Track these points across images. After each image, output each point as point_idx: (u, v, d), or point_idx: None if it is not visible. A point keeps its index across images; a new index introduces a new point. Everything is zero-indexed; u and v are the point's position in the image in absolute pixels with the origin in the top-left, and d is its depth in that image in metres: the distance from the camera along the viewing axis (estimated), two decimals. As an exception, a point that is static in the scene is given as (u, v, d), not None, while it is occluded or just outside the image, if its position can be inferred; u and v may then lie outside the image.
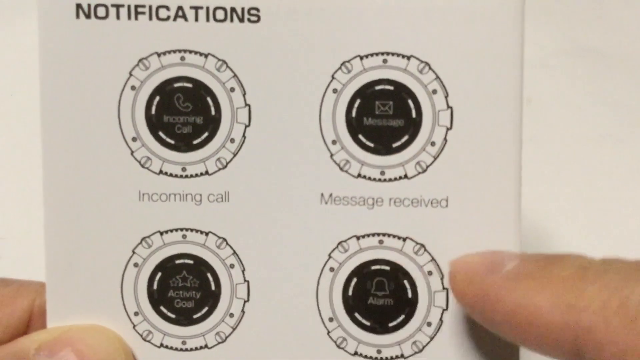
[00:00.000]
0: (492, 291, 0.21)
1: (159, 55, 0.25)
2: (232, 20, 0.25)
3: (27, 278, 0.30)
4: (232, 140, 0.25)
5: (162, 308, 0.26)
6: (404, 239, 0.25)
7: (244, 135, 0.25)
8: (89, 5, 0.25)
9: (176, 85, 0.25)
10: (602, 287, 0.19)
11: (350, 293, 0.26)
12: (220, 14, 0.25)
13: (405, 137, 0.25)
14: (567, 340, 0.20)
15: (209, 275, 0.26)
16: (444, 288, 0.26)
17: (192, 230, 0.26)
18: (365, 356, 0.26)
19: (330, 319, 0.26)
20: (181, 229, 0.26)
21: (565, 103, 0.59)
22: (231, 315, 0.26)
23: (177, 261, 0.26)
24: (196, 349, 0.26)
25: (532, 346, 0.21)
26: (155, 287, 0.26)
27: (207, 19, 0.25)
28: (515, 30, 0.25)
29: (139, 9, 0.25)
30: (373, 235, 0.26)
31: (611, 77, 0.60)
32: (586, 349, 0.19)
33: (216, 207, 0.26)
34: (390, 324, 0.26)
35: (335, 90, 0.25)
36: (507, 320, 0.21)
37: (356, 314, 0.26)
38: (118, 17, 0.25)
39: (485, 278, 0.22)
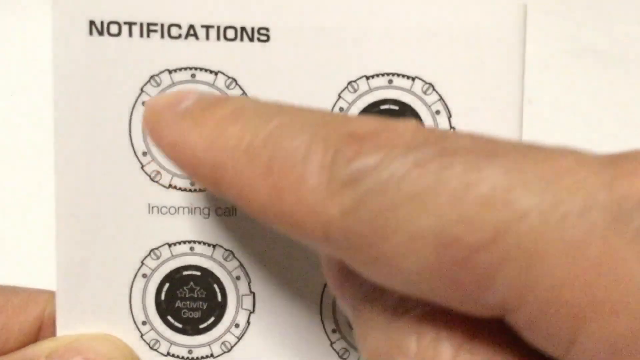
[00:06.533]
0: (162, 128, 0.21)
1: (170, 72, 0.26)
2: (242, 39, 0.25)
3: (25, 279, 0.30)
4: (240, 156, 0.26)
5: (169, 318, 0.27)
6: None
7: None
8: (102, 23, 0.25)
9: None
10: (242, 126, 0.19)
11: (353, 306, 0.27)
12: (230, 33, 0.25)
13: (409, 156, 0.26)
14: (210, 177, 0.20)
15: (215, 286, 0.27)
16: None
17: (199, 242, 0.26)
18: (367, 367, 0.27)
19: (334, 331, 0.27)
20: (189, 242, 0.26)
21: (565, 103, 0.59)
22: (237, 325, 0.27)
23: (185, 272, 0.27)
24: (202, 358, 0.27)
25: (199, 183, 0.21)
26: (163, 297, 0.27)
27: (218, 38, 0.25)
28: (516, 53, 0.25)
29: (151, 27, 0.25)
30: (376, 250, 0.26)
31: (611, 77, 0.60)
32: (222, 185, 0.19)
33: (223, 221, 0.26)
34: (392, 336, 0.27)
35: (341, 109, 0.26)
36: (170, 157, 0.21)
37: (358, 326, 0.27)
38: (130, 34, 0.25)
39: (161, 113, 0.21)
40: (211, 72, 0.26)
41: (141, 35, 0.25)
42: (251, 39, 0.25)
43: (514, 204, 0.15)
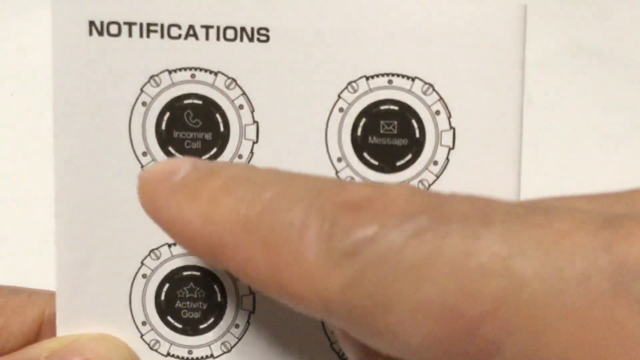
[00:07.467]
0: (157, 202, 0.21)
1: (169, 72, 0.26)
2: (242, 39, 0.25)
3: (25, 280, 0.30)
4: (240, 157, 0.26)
5: (169, 318, 0.27)
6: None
7: (251, 152, 0.26)
8: (101, 23, 0.25)
9: (186, 102, 0.26)
10: (237, 199, 0.19)
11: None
12: (230, 34, 0.25)
13: (409, 156, 0.26)
14: (208, 252, 0.20)
15: (215, 286, 0.27)
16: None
17: None
18: (367, 367, 0.27)
19: (333, 331, 0.27)
20: None
21: (565, 103, 0.59)
22: (237, 326, 0.27)
23: (185, 273, 0.27)
24: (202, 358, 0.27)
25: (199, 256, 0.21)
26: (162, 297, 0.27)
27: (218, 38, 0.25)
28: (516, 54, 0.25)
29: (151, 27, 0.25)
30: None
31: (611, 77, 0.60)
32: (221, 259, 0.19)
33: None
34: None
35: (341, 109, 0.26)
36: (168, 232, 0.21)
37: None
38: (130, 34, 0.25)
39: (156, 187, 0.21)
40: (211, 72, 0.26)
41: (141, 35, 0.25)
42: (251, 39, 0.25)
43: (514, 272, 0.15)
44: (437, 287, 0.16)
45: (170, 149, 0.26)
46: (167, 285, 0.27)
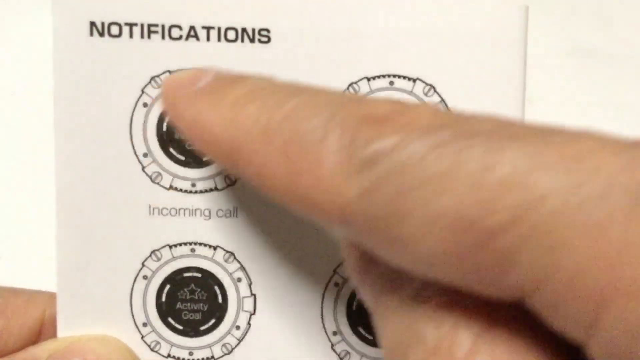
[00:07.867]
0: (179, 106, 0.21)
1: (170, 73, 0.26)
2: (242, 40, 0.25)
3: (26, 281, 0.30)
4: (241, 158, 0.26)
5: (170, 319, 0.27)
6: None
7: None
8: (102, 24, 0.25)
9: None
10: (259, 106, 0.19)
11: (354, 308, 0.27)
12: (231, 35, 0.25)
13: (411, 157, 0.26)
14: (227, 157, 0.20)
15: (216, 288, 0.27)
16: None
17: (200, 244, 0.26)
18: (368, 369, 0.27)
19: (334, 333, 0.27)
20: (190, 243, 0.26)
21: (566, 103, 0.59)
22: (237, 327, 0.27)
23: (186, 274, 0.27)
24: None
25: (218, 163, 0.22)
26: (163, 299, 0.27)
27: (219, 39, 0.25)
28: (518, 55, 0.25)
29: (152, 28, 0.25)
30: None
31: (611, 77, 0.60)
32: (239, 165, 0.20)
33: (224, 222, 0.26)
34: (393, 338, 0.27)
35: (342, 111, 0.26)
36: (188, 136, 0.21)
37: (360, 328, 0.27)
38: (131, 35, 0.25)
39: (179, 92, 0.21)
40: None
41: (142, 36, 0.25)
42: (252, 40, 0.25)
43: (534, 186, 0.15)
44: (454, 198, 0.16)
45: (172, 150, 0.26)
46: (168, 287, 0.27)
